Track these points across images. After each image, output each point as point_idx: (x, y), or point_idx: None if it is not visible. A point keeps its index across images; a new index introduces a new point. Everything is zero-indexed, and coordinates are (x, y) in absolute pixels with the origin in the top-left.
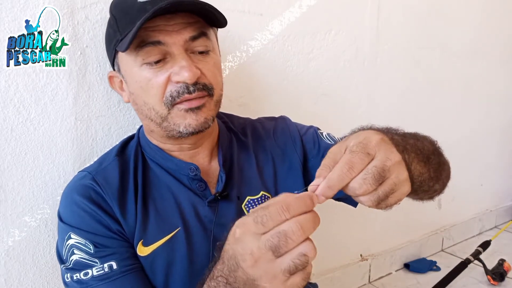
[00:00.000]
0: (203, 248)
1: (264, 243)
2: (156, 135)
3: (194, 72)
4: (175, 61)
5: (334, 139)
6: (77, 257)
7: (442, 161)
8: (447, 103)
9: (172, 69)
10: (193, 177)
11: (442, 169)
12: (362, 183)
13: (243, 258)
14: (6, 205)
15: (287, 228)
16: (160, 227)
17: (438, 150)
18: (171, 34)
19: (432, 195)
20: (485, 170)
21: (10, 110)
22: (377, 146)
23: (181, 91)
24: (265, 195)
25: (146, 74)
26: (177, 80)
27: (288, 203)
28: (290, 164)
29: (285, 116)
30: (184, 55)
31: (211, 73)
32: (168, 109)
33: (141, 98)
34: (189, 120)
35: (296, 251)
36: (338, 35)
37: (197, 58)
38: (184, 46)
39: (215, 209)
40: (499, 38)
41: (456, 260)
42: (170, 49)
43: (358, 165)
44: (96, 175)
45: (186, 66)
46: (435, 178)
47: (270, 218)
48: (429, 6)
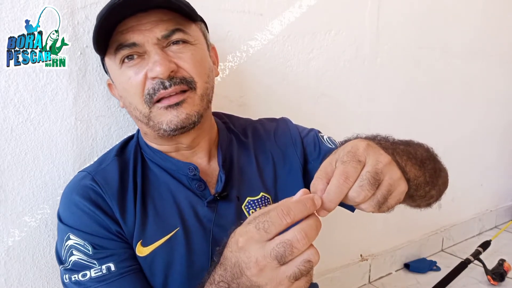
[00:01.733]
0: (202, 248)
1: (270, 252)
2: (150, 137)
3: (167, 66)
4: (149, 58)
5: (335, 143)
6: (76, 258)
7: (438, 167)
8: (447, 103)
9: (148, 66)
10: (192, 177)
11: (438, 175)
12: (360, 191)
13: (248, 266)
14: (6, 205)
15: (291, 237)
16: (159, 227)
17: (434, 157)
18: (143, 32)
19: (429, 201)
20: (485, 170)
21: (10, 110)
22: (366, 152)
23: (156, 87)
24: (265, 196)
25: (126, 73)
26: (152, 76)
27: (288, 207)
28: (290, 165)
29: (286, 118)
30: (157, 50)
31: (190, 65)
32: (149, 107)
33: (127, 99)
34: (170, 117)
35: (301, 258)
36: (338, 35)
37: (174, 52)
38: (157, 44)
39: (214, 209)
40: (499, 38)
41: (456, 260)
42: (145, 48)
43: (353, 173)
44: (95, 175)
45: (158, 61)
46: (431, 183)
47: (272, 224)
48: (429, 6)
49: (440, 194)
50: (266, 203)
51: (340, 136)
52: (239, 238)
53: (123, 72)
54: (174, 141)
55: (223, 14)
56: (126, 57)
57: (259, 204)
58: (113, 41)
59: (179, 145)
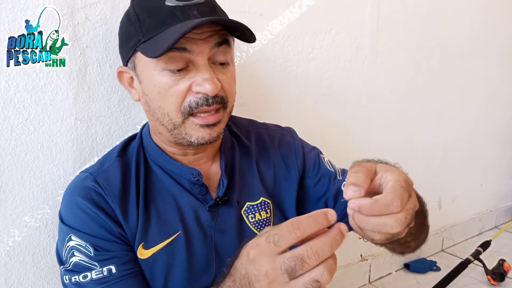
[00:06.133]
0: (202, 252)
1: (280, 265)
2: (163, 137)
3: (217, 85)
4: (197, 71)
5: (334, 167)
6: (77, 259)
7: (425, 223)
8: (447, 103)
9: (194, 79)
10: (194, 182)
11: (422, 231)
12: (401, 224)
13: (257, 278)
14: (6, 205)
15: (302, 252)
16: (161, 230)
17: (425, 212)
18: (198, 42)
19: (404, 250)
20: (485, 170)
21: (10, 110)
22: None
23: (200, 102)
24: (265, 200)
25: (166, 80)
26: (198, 90)
27: (298, 221)
28: (290, 175)
29: (292, 129)
30: (207, 67)
31: (228, 85)
32: (184, 118)
33: (157, 103)
34: (203, 134)
35: (309, 276)
36: (338, 35)
37: (217, 70)
38: (209, 55)
39: (215, 214)
40: (499, 38)
41: (456, 260)
42: (195, 58)
43: (404, 203)
44: (97, 176)
45: (209, 79)
46: (414, 235)
47: (281, 237)
48: (429, 6)
49: (416, 248)
50: (266, 208)
51: (340, 136)
52: (250, 250)
53: (163, 76)
54: (186, 148)
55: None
56: (177, 70)
57: (258, 209)
58: None
59: (188, 151)
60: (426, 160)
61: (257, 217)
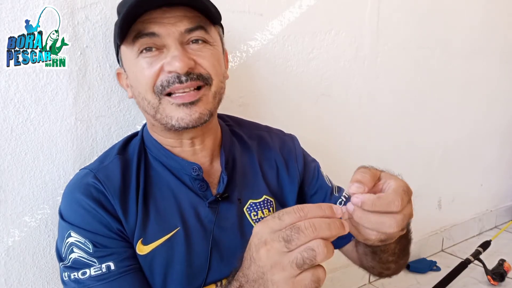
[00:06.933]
0: (202, 248)
1: (278, 234)
2: (157, 129)
3: (186, 62)
4: (168, 52)
5: (332, 183)
6: (76, 255)
7: (407, 248)
8: (447, 103)
9: (165, 59)
10: (195, 177)
11: (404, 255)
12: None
13: (257, 248)
14: (6, 205)
15: (300, 224)
16: (160, 226)
17: (410, 239)
18: (166, 26)
19: (383, 271)
20: (485, 170)
21: (10, 110)
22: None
23: (171, 80)
24: (267, 199)
25: (141, 64)
26: (169, 69)
27: (304, 205)
28: (291, 176)
29: (294, 136)
30: (177, 46)
31: (208, 63)
32: (159, 98)
33: (136, 89)
34: (182, 114)
35: (306, 245)
36: (338, 35)
37: (193, 50)
38: (179, 39)
39: (215, 210)
40: (499, 38)
41: (456, 260)
42: (165, 41)
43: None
44: (97, 173)
45: (178, 56)
46: (397, 255)
47: (286, 213)
48: (429, 6)
49: (394, 273)
50: (269, 206)
51: (340, 136)
52: (257, 225)
53: (138, 62)
54: (179, 135)
55: (223, 14)
56: (144, 49)
57: (261, 207)
58: (133, 30)
59: (184, 140)
60: (426, 160)
61: (259, 215)
